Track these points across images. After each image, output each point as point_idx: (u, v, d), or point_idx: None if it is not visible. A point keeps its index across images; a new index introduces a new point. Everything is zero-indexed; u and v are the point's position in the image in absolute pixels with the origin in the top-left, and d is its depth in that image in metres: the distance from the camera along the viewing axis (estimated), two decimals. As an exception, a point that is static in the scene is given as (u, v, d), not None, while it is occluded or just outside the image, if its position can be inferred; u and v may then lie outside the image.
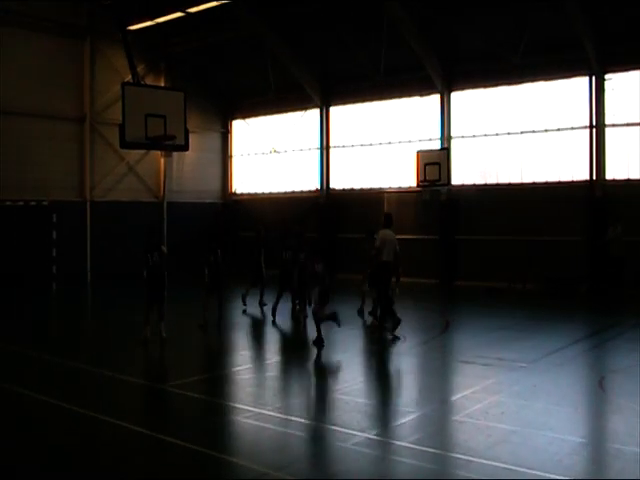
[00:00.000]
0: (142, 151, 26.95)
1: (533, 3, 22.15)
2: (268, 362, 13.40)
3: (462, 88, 25.23)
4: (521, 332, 15.97)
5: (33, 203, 24.61)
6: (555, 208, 22.87)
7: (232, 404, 10.38)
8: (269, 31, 26.98)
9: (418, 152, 25.08)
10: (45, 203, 24.84)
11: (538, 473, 7.21)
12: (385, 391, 11.34)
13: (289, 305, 18.04)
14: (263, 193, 31.72)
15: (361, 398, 10.43)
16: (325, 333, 14.03)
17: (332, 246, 26.93)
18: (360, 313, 17.35)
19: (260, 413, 9.50)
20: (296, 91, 29.16)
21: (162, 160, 29.64)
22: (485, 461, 7.61)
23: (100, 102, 27.20)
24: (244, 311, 18.76)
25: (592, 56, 21.96)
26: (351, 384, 11.24)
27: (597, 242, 21.79)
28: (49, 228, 24.76)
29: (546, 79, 23.33)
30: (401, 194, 26.90)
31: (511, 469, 7.34)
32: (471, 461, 7.64)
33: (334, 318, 14.11)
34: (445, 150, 25.05)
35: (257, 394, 10.85)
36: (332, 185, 29.22)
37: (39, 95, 25.34)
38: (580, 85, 22.73)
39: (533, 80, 23.56)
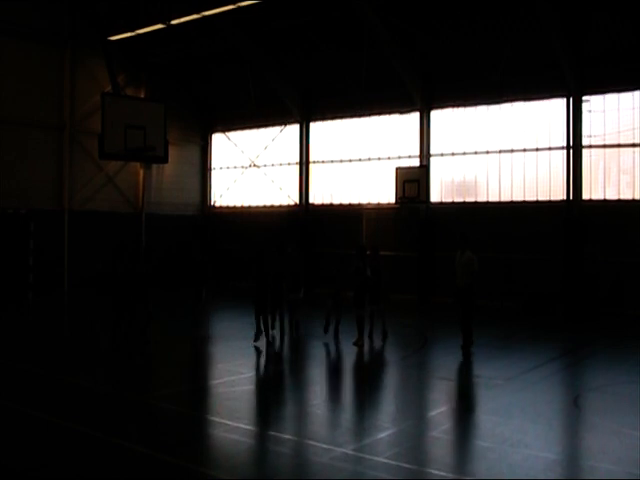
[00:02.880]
0: (121, 162, 26.89)
1: (513, 24, 22.48)
2: (245, 376, 13.33)
3: (442, 106, 25.42)
4: (498, 350, 16.10)
5: (10, 211, 24.41)
6: (533, 227, 23.07)
7: (209, 417, 10.36)
8: (251, 45, 27.10)
9: (397, 169, 25.24)
10: (23, 211, 24.65)
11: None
12: (362, 406, 11.34)
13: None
14: (242, 206, 31.70)
15: (338, 413, 10.43)
16: (306, 348, 14.05)
17: (311, 260, 27.00)
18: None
19: (237, 427, 9.48)
20: (277, 106, 29.29)
21: (141, 172, 29.59)
22: (461, 477, 7.65)
23: (80, 111, 27.07)
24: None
25: (570, 78, 22.24)
26: (329, 399, 11.24)
27: (573, 261, 22.08)
28: (26, 237, 24.56)
29: (525, 99, 23.56)
30: (380, 210, 27.00)
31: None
32: (447, 477, 7.67)
33: None
34: (424, 167, 25.20)
35: (234, 408, 10.81)
36: (311, 200, 29.29)
37: (18, 102, 25.14)
38: (558, 106, 23.00)
39: (512, 100, 23.80)
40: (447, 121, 25.50)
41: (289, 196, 29.91)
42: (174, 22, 24.84)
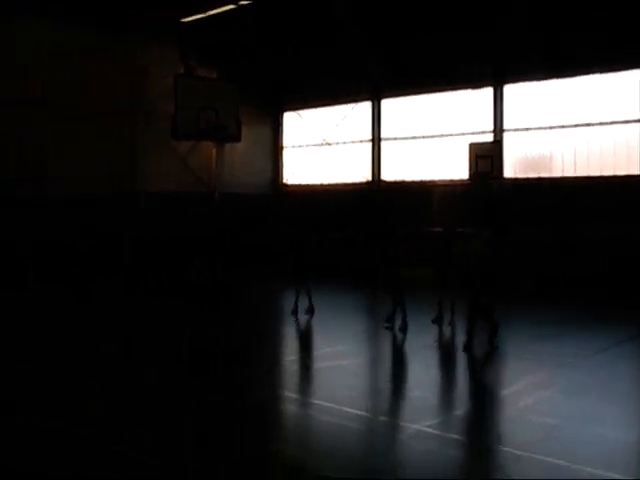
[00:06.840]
0: (192, 142, 27.09)
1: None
2: (324, 352, 13.42)
3: (515, 81, 24.89)
4: (571, 327, 15.80)
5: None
6: (609, 201, 22.39)
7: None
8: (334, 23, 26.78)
9: (470, 145, 24.92)
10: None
11: (589, 470, 7.17)
12: (436, 385, 11.33)
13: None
14: (314, 184, 31.75)
15: (413, 391, 10.46)
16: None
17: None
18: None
19: (317, 404, 9.62)
20: (348, 84, 29.13)
21: (214, 151, 29.85)
22: (535, 455, 7.59)
23: (152, 93, 27.19)
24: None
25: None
26: (405, 378, 11.29)
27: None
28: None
29: (601, 72, 22.89)
30: (451, 186, 26.71)
31: (561, 464, 7.31)
32: (521, 455, 7.64)
33: None
34: (497, 143, 24.84)
35: (316, 385, 10.96)
36: (383, 177, 29.19)
37: (87, 87, 25.42)
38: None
39: (587, 73, 23.14)
40: (521, 97, 24.98)
41: (361, 173, 29.86)
42: (244, 3, 24.91)
